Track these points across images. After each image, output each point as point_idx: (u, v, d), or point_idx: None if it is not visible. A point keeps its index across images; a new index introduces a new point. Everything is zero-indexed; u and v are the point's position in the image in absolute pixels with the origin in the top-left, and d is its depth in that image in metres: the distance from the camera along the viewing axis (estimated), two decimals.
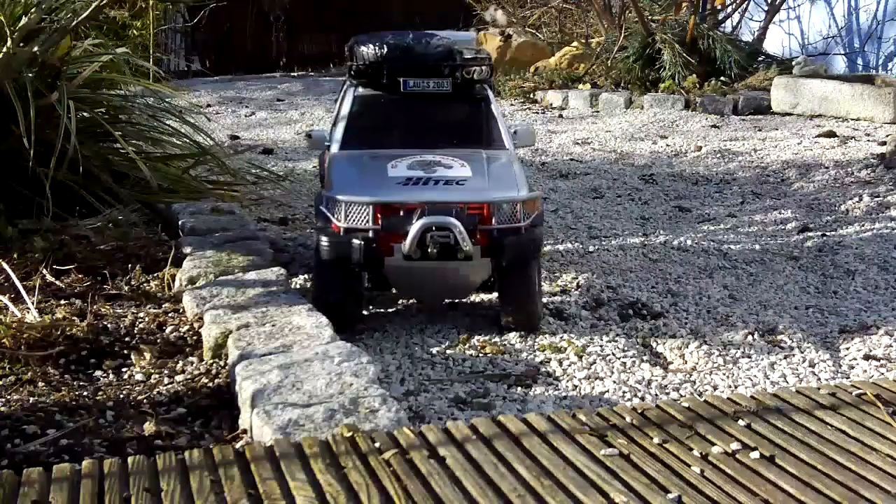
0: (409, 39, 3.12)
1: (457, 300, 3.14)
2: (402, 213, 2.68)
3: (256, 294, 2.83)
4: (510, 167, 2.94)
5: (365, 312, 3.02)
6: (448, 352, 2.79)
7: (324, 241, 2.75)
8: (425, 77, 3.05)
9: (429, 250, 2.64)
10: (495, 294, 3.03)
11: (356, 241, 2.69)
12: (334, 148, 3.02)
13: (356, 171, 2.90)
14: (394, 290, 2.99)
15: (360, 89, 3.12)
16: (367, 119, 3.09)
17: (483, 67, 3.09)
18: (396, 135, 3.07)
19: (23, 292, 2.80)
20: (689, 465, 1.83)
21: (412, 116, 3.12)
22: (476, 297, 3.19)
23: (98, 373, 2.50)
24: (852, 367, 2.78)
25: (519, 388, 2.56)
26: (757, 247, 3.96)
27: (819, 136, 6.38)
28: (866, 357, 2.85)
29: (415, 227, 2.63)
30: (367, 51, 3.07)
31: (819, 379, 2.68)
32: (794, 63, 7.83)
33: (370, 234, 2.69)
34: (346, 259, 2.72)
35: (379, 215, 2.69)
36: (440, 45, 3.10)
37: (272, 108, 8.36)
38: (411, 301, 3.16)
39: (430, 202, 2.68)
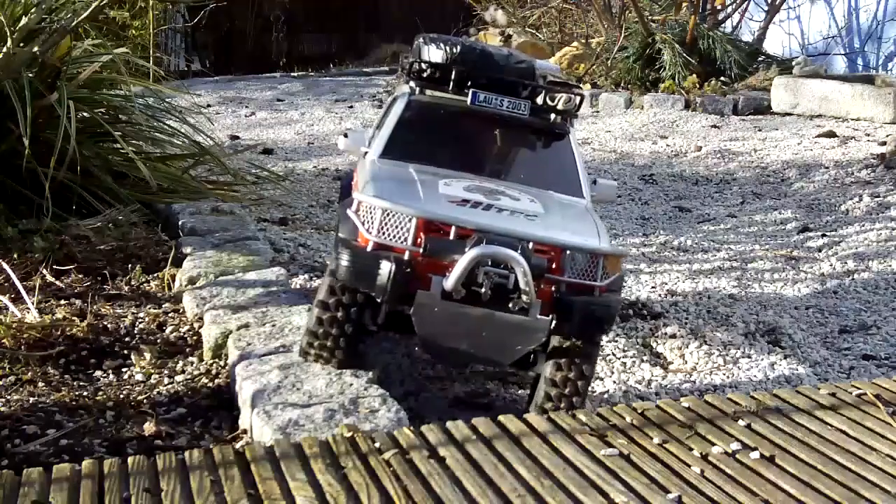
0: (488, 47, 2.67)
1: (490, 368, 2.61)
2: (451, 237, 2.10)
3: (256, 294, 2.83)
4: (588, 215, 2.39)
5: None
6: None
7: (344, 257, 2.12)
8: (500, 93, 2.52)
9: (482, 290, 2.05)
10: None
11: (386, 263, 2.07)
12: (373, 154, 2.49)
13: (400, 179, 2.36)
14: (416, 339, 2.24)
15: (418, 94, 2.58)
16: (419, 129, 2.55)
17: (572, 97, 2.56)
18: (452, 154, 2.51)
19: (23, 292, 2.80)
20: (689, 465, 1.83)
21: (475, 137, 2.59)
22: None
23: (98, 373, 2.50)
24: (852, 367, 2.78)
25: (519, 389, 2.56)
26: (757, 247, 3.96)
27: (819, 136, 6.39)
28: (866, 357, 2.85)
29: (467, 257, 2.04)
30: (436, 50, 2.57)
31: (819, 379, 2.68)
32: (794, 63, 7.84)
33: (406, 255, 2.10)
34: (370, 283, 2.10)
35: (422, 234, 2.10)
36: (523, 62, 2.62)
37: (272, 108, 8.36)
38: None
39: (491, 230, 2.09)
